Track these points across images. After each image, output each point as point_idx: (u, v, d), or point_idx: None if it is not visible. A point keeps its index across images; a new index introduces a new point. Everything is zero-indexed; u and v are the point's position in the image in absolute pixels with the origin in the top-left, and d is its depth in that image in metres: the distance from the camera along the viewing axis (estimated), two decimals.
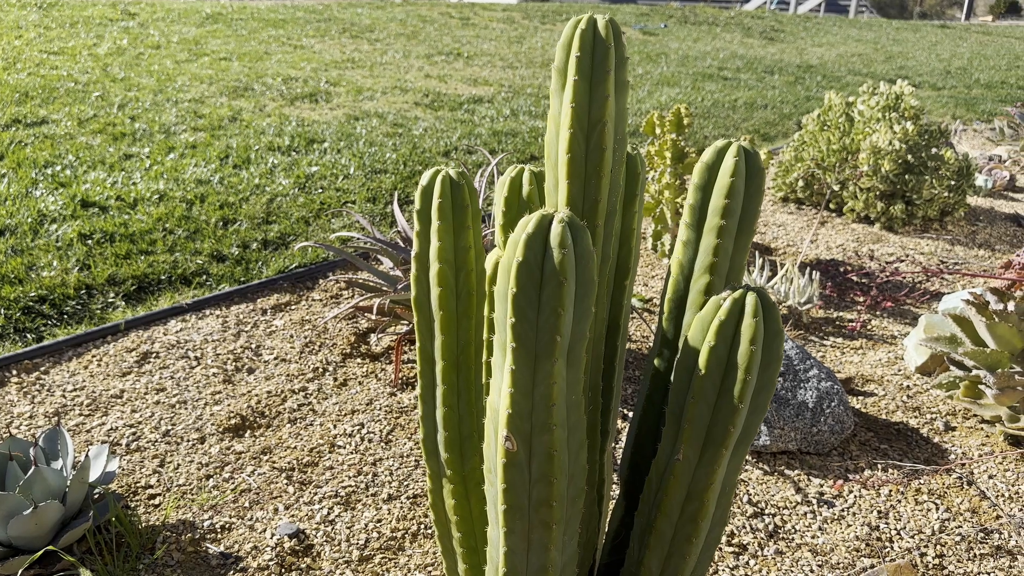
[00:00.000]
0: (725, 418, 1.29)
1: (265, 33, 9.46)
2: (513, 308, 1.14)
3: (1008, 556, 2.13)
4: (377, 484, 2.28)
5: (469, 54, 9.43)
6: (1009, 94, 9.30)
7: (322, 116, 6.01)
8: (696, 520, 1.38)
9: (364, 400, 2.67)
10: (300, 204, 4.13)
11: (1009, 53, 13.26)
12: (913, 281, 3.85)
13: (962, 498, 2.34)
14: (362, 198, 4.31)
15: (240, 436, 2.43)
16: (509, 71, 8.61)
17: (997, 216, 4.90)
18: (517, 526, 1.29)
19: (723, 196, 1.37)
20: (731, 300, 1.25)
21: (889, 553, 2.14)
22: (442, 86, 7.52)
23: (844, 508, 2.30)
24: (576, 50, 1.27)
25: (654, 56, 10.35)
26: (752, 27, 14.22)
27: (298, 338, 3.00)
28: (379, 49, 9.29)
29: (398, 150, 5.18)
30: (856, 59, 11.54)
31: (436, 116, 6.30)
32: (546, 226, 1.13)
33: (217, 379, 2.69)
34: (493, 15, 13.15)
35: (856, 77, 9.85)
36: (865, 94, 4.73)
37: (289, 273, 3.42)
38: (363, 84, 7.23)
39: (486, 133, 5.79)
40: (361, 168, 4.75)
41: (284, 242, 3.72)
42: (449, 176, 1.34)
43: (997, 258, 4.22)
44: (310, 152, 5.03)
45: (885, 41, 13.98)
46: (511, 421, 1.21)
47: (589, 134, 1.30)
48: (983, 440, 2.59)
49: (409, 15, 12.23)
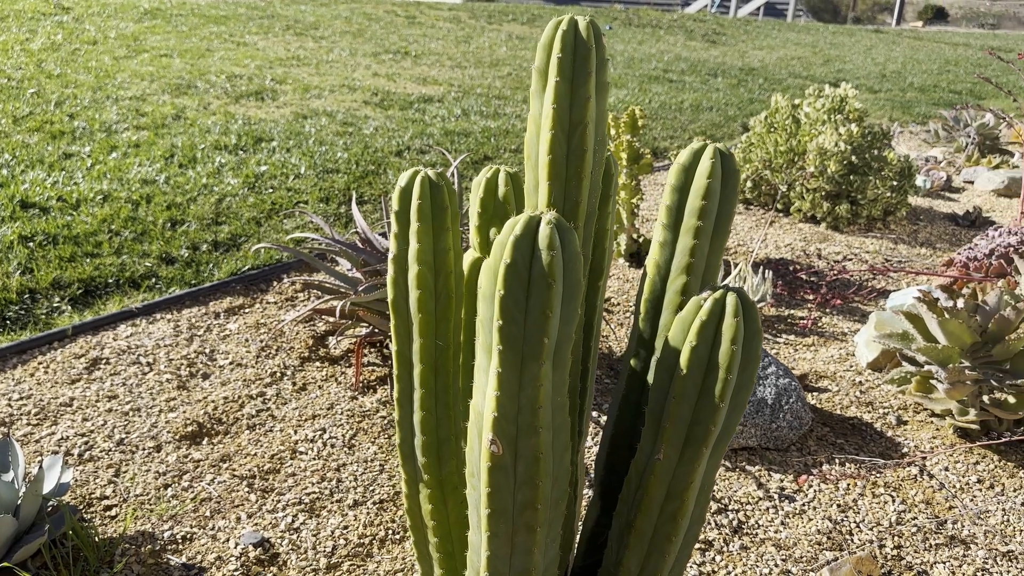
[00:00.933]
0: (706, 417, 1.30)
1: (206, 29, 9.25)
2: (500, 310, 1.13)
3: (962, 545, 2.20)
4: (342, 490, 2.24)
5: (417, 53, 9.37)
6: (942, 97, 9.62)
7: (269, 114, 5.90)
8: (676, 519, 1.39)
9: (325, 404, 2.63)
10: (250, 204, 4.05)
11: (940, 58, 13.73)
12: (860, 279, 3.95)
13: (916, 490, 2.41)
14: (315, 198, 4.24)
15: (198, 444, 2.37)
16: (458, 71, 8.58)
17: (936, 215, 5.06)
18: (501, 530, 1.28)
19: (700, 197, 1.38)
20: (712, 300, 1.26)
21: (850, 545, 2.19)
22: (391, 85, 7.45)
23: (805, 502, 2.35)
24: (557, 51, 1.26)
25: None
26: (694, 30, 14.44)
27: (254, 342, 2.93)
28: (325, 47, 9.16)
29: (349, 149, 5.11)
30: (796, 62, 11.81)
31: (386, 115, 6.25)
32: (534, 228, 1.12)
33: (171, 385, 2.62)
34: (439, 14, 13.09)
35: (796, 80, 10.08)
36: (811, 96, 4.84)
37: (242, 275, 3.35)
38: (310, 82, 7.13)
39: (438, 133, 5.76)
40: (312, 168, 4.68)
41: (235, 243, 3.63)
42: (428, 177, 1.32)
43: (938, 256, 4.36)
44: (258, 151, 4.93)
45: (823, 45, 14.35)
46: (497, 424, 1.19)
47: (570, 136, 1.29)
48: (934, 433, 2.67)
49: (354, 13, 12.10)
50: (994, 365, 2.47)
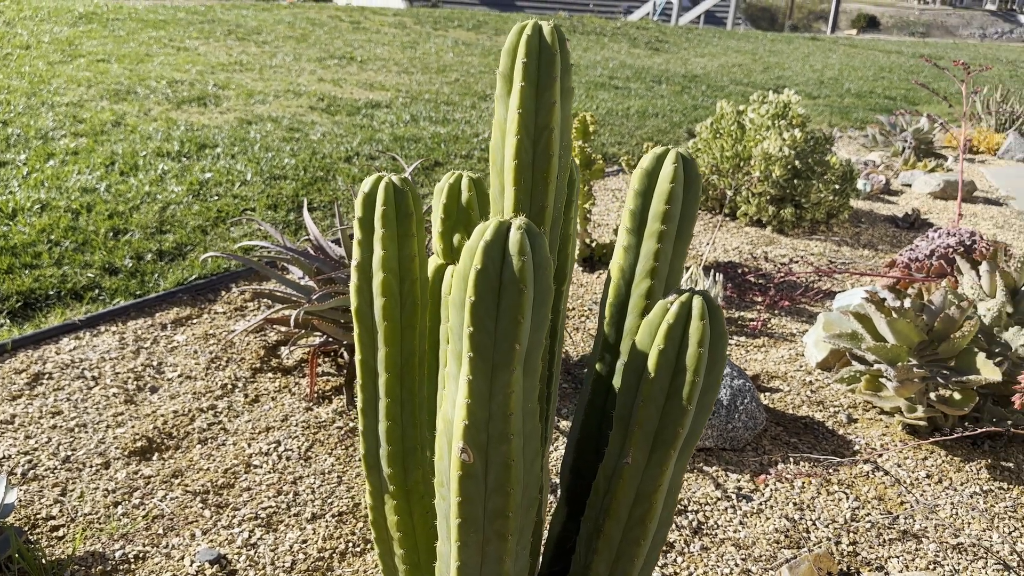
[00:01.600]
0: (674, 420, 1.30)
1: (145, 34, 9.03)
2: (471, 317, 1.12)
3: (914, 539, 2.25)
4: (299, 503, 2.20)
5: (363, 58, 9.29)
6: (878, 103, 9.91)
7: (212, 120, 5.78)
8: (645, 522, 1.39)
9: (279, 416, 2.57)
10: (196, 212, 3.95)
11: (874, 65, 14.15)
12: (806, 281, 4.03)
13: (869, 487, 2.46)
14: (262, 205, 4.17)
15: (148, 459, 2.30)
16: (405, 76, 8.54)
17: (877, 218, 5.20)
18: (471, 539, 1.27)
19: (663, 201, 1.38)
20: (678, 303, 1.27)
21: (807, 543, 2.22)
22: (337, 90, 7.37)
23: (762, 502, 2.38)
24: (522, 56, 1.26)
25: None
26: (638, 38, 14.62)
27: (203, 353, 2.86)
28: (268, 52, 9.02)
29: (297, 155, 5.03)
30: (737, 69, 12.05)
31: (333, 121, 6.17)
32: (504, 233, 1.11)
33: (118, 399, 2.53)
34: (384, 19, 13.01)
35: (738, 86, 10.28)
36: (755, 103, 4.94)
37: (189, 285, 3.26)
38: (254, 87, 7.01)
39: (387, 139, 5.71)
40: (259, 174, 4.60)
41: (181, 252, 3.54)
42: (392, 182, 1.30)
43: (880, 257, 4.48)
44: (202, 158, 4.83)
45: (762, 52, 14.66)
46: (467, 432, 1.18)
47: (536, 140, 1.29)
48: (883, 430, 2.74)
49: (297, 18, 11.95)
50: (940, 363, 2.54)
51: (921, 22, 40.69)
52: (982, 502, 2.41)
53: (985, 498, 2.43)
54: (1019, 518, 2.36)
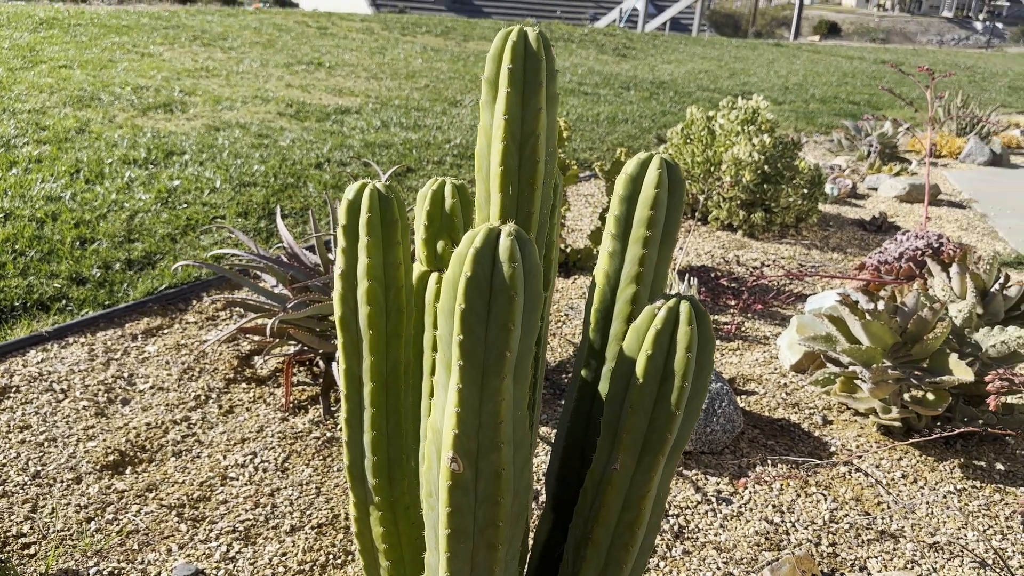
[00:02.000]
0: (662, 425, 1.30)
1: (108, 40, 8.88)
2: (461, 325, 1.11)
3: (892, 539, 2.27)
4: (278, 515, 2.16)
5: (331, 64, 9.23)
6: (842, 108, 10.07)
7: (179, 127, 5.70)
8: (633, 528, 1.38)
9: (254, 427, 2.53)
10: (164, 220, 3.89)
11: (838, 70, 14.37)
12: (778, 284, 4.07)
13: (846, 488, 2.49)
14: (232, 213, 4.11)
15: (121, 473, 2.25)
16: (374, 82, 8.49)
17: (845, 221, 5.28)
18: (461, 549, 1.25)
19: (648, 207, 1.38)
20: (666, 308, 1.27)
21: (787, 545, 2.24)
22: (305, 96, 7.31)
23: (742, 504, 2.39)
24: (508, 62, 1.25)
25: None
26: (605, 44, 14.71)
27: (175, 364, 2.81)
28: (234, 58, 8.93)
29: (266, 162, 4.98)
30: (703, 75, 12.17)
31: (303, 127, 6.12)
32: (494, 240, 1.10)
33: (89, 413, 2.48)
34: (352, 25, 12.95)
35: (705, 92, 10.38)
36: (725, 108, 4.98)
37: (159, 295, 3.21)
38: (221, 93, 6.92)
39: (358, 145, 5.67)
40: (228, 181, 4.54)
41: (150, 261, 3.48)
42: (377, 189, 1.29)
43: (849, 260, 4.54)
44: (170, 165, 4.75)
45: (728, 59, 14.83)
46: (457, 441, 1.17)
47: (522, 146, 1.28)
48: (858, 432, 2.77)
49: (263, 23, 11.84)
50: (913, 364, 2.58)
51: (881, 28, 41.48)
52: (956, 501, 2.44)
53: (959, 497, 2.46)
54: (992, 516, 2.39)
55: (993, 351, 2.55)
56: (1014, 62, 21.15)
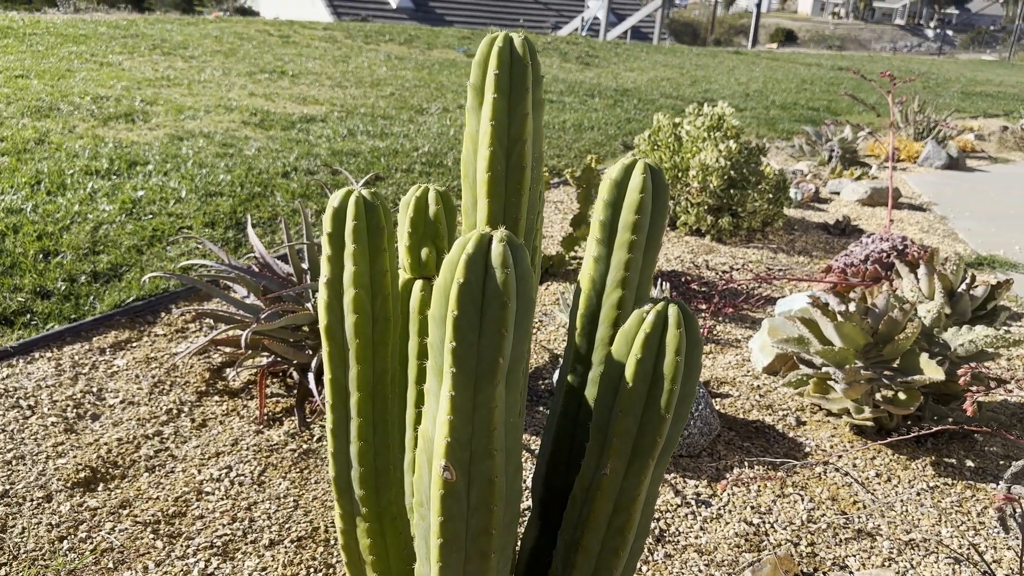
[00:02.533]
0: (653, 429, 1.30)
1: (65, 49, 8.72)
2: (454, 331, 1.10)
3: (869, 538, 2.30)
4: (256, 530, 2.13)
5: (294, 72, 9.16)
6: (802, 114, 10.23)
7: (141, 137, 5.60)
8: (623, 533, 1.38)
9: (228, 441, 2.49)
10: (130, 232, 3.82)
11: (796, 77, 14.62)
12: (747, 288, 4.12)
13: (822, 488, 2.52)
14: (199, 223, 4.05)
15: (93, 490, 2.19)
16: (339, 90, 8.44)
17: (809, 225, 5.36)
18: (453, 559, 1.24)
19: (633, 212, 1.39)
20: (654, 312, 1.27)
21: (767, 546, 2.25)
22: (269, 105, 7.24)
23: (721, 507, 2.40)
24: (494, 67, 1.25)
25: None
26: (568, 52, 14.80)
27: (145, 378, 2.75)
28: (196, 67, 8.82)
29: (232, 171, 4.92)
30: (666, 83, 12.29)
31: (268, 136, 6.06)
32: (486, 246, 1.09)
33: (58, 429, 2.42)
34: (314, 33, 12.87)
35: (668, 100, 10.48)
36: (691, 115, 5.04)
37: (127, 307, 3.14)
38: (183, 103, 6.83)
39: (325, 153, 5.63)
40: (194, 191, 4.47)
41: (116, 273, 3.41)
42: (363, 196, 1.27)
43: (815, 263, 4.61)
44: (133, 175, 4.67)
45: (689, 66, 15.00)
46: (450, 449, 1.16)
47: (509, 152, 1.28)
48: (832, 432, 2.80)
49: (224, 32, 11.72)
50: (884, 364, 2.62)
51: (836, 36, 42.32)
52: (930, 498, 2.48)
53: (932, 494, 2.50)
54: (965, 512, 2.44)
55: (961, 350, 2.60)
56: (965, 68, 21.71)
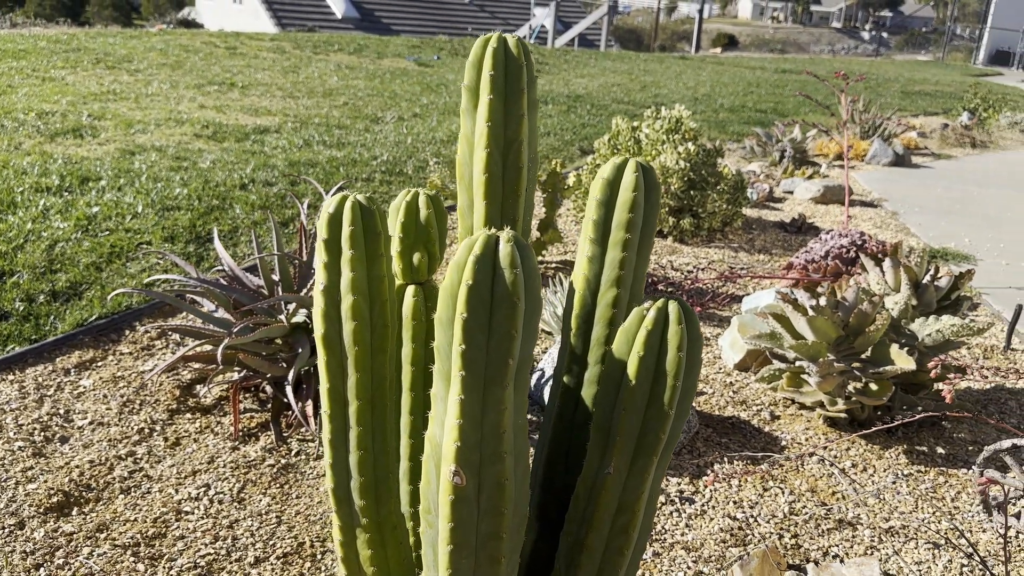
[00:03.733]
0: (656, 426, 1.31)
1: (4, 64, 8.46)
2: (463, 334, 1.09)
3: (850, 527, 2.34)
4: (239, 548, 2.08)
5: (244, 84, 9.02)
6: (750, 116, 10.42)
7: (91, 152, 5.46)
8: (628, 531, 1.38)
9: (204, 458, 2.43)
10: (87, 249, 3.71)
11: (742, 80, 14.88)
12: (712, 287, 4.17)
13: (800, 480, 2.55)
14: (158, 238, 3.96)
15: (67, 515, 2.12)
16: (291, 100, 8.34)
17: (767, 224, 5.45)
18: (463, 565, 1.23)
19: (627, 210, 1.39)
20: (655, 310, 1.28)
21: (752, 539, 2.28)
22: (221, 117, 7.12)
23: (704, 503, 2.42)
24: (489, 68, 1.25)
25: (435, 87, 10.49)
26: None
27: (113, 398, 2.67)
28: (142, 80, 8.63)
29: (188, 185, 4.82)
30: (616, 88, 12.41)
31: (222, 148, 5.95)
32: (493, 246, 1.09)
33: (25, 453, 2.33)
34: (261, 44, 12.70)
35: (621, 105, 10.58)
36: (649, 118, 5.09)
37: (90, 326, 3.05)
38: (132, 117, 6.68)
39: (282, 164, 5.55)
40: (150, 206, 4.37)
41: (76, 292, 3.31)
42: (359, 202, 1.26)
43: (775, 260, 4.68)
44: (86, 191, 4.54)
45: (637, 72, 15.17)
46: (459, 454, 1.14)
47: (505, 153, 1.28)
48: (806, 425, 2.85)
49: (169, 45, 11.49)
50: (855, 356, 2.67)
51: (776, 39, 43.24)
52: (905, 486, 2.54)
53: (907, 482, 2.56)
54: (939, 497, 2.49)
55: (929, 340, 2.66)
56: (903, 68, 22.35)
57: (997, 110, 11.61)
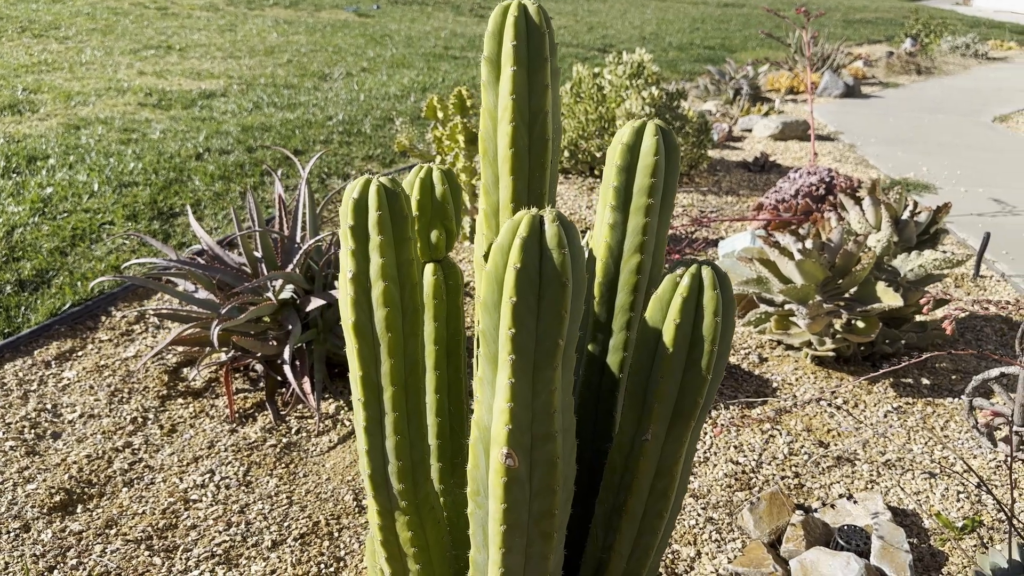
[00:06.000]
0: (693, 391, 1.31)
1: None
2: (513, 318, 1.07)
3: (848, 463, 2.41)
4: (254, 532, 2.06)
5: (181, 46, 8.68)
6: (700, 54, 10.40)
7: (33, 129, 5.22)
8: (667, 495, 1.40)
9: (204, 444, 2.39)
10: (47, 233, 3.57)
11: (687, 17, 14.81)
12: (686, 233, 4.19)
13: (795, 420, 2.61)
14: (120, 216, 3.82)
15: (72, 513, 2.07)
16: (232, 61, 8.06)
17: (730, 165, 5.48)
18: (516, 543, 1.23)
19: (649, 175, 1.37)
20: (689, 276, 1.27)
21: (757, 483, 2.33)
22: (163, 83, 6.85)
23: (706, 450, 2.47)
24: (511, 39, 1.20)
25: (379, 38, 10.23)
26: (461, 5, 14.54)
27: (100, 388, 2.60)
28: (73, 48, 8.25)
29: (142, 158, 4.65)
30: (563, 31, 12.25)
31: (170, 116, 5.74)
32: (538, 227, 1.06)
33: (18, 453, 2.26)
34: (194, 3, 12.21)
35: (571, 48, 10.46)
36: (611, 64, 5.04)
37: (64, 315, 2.95)
38: (70, 88, 6.39)
39: (236, 130, 5.38)
40: (106, 183, 4.21)
41: (44, 280, 3.19)
42: (383, 185, 1.21)
43: (743, 201, 4.72)
44: (35, 172, 4.36)
45: (582, 12, 14.99)
46: (511, 436, 1.13)
47: (531, 126, 1.24)
48: (794, 366, 2.91)
49: (96, 8, 10.98)
50: (840, 295, 2.72)
51: None
52: (896, 419, 2.61)
53: (897, 415, 2.64)
54: (929, 428, 2.58)
55: (911, 275, 2.72)
56: None
57: (938, 35, 11.78)
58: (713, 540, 2.11)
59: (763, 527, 2.14)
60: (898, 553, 2.04)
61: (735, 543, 2.10)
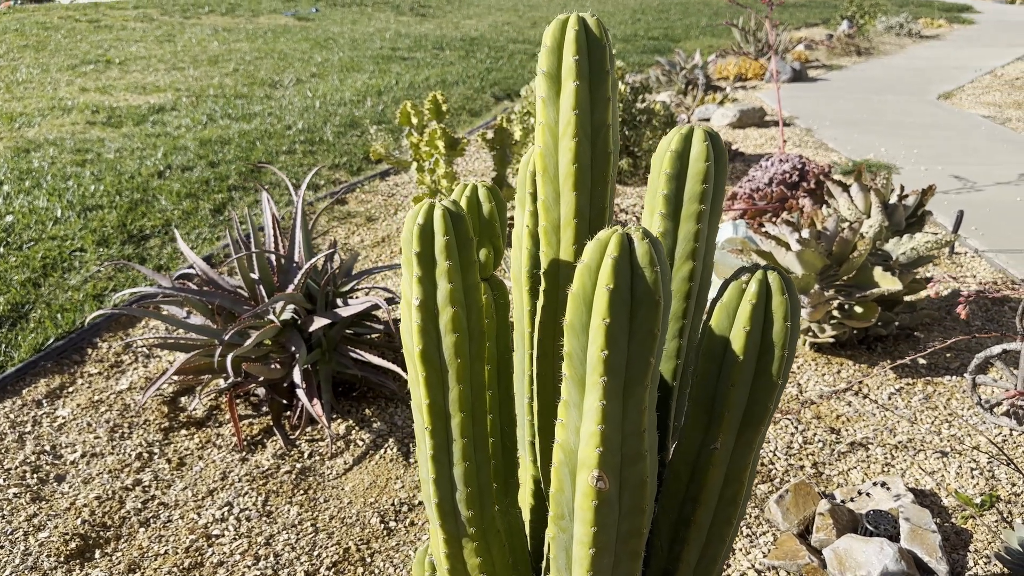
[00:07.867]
0: (764, 397, 1.30)
1: None
2: (606, 339, 1.05)
3: (862, 448, 2.45)
4: (284, 564, 2.00)
5: (121, 59, 8.42)
6: (645, 44, 10.48)
7: None
8: (736, 501, 1.39)
9: (216, 475, 2.32)
10: (16, 265, 3.42)
11: (626, 8, 14.92)
12: None
13: (804, 409, 2.64)
14: (90, 243, 3.68)
15: (91, 559, 1.98)
16: (177, 73, 7.85)
17: None
18: (604, 564, 1.21)
19: (700, 182, 1.37)
20: (756, 282, 1.26)
21: (777, 474, 2.35)
22: (109, 99, 6.63)
23: None
24: (572, 53, 1.18)
25: (323, 42, 10.07)
26: (400, 5, 14.41)
27: (98, 424, 2.50)
28: (7, 66, 7.93)
29: (101, 179, 4.49)
30: (507, 27, 12.23)
31: (122, 134, 5.56)
32: (627, 246, 1.04)
33: (24, 499, 2.16)
34: (126, 14, 11.84)
35: (517, 45, 10.44)
36: None
37: (48, 350, 2.83)
38: (11, 109, 6.14)
39: (193, 145, 5.23)
40: (69, 208, 4.05)
41: (20, 314, 3.06)
42: (448, 209, 1.18)
43: None
44: None
45: (523, 8, 14.98)
46: (602, 459, 1.12)
47: (594, 140, 1.22)
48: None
49: (24, 23, 10.57)
50: (837, 282, 2.76)
51: None
52: (900, 400, 2.67)
53: (901, 396, 2.69)
54: (933, 407, 2.63)
55: (903, 258, 2.77)
56: None
57: (872, 16, 12.07)
58: (744, 535, 2.12)
59: (791, 518, 2.17)
60: (927, 534, 2.08)
61: (766, 536, 2.12)
